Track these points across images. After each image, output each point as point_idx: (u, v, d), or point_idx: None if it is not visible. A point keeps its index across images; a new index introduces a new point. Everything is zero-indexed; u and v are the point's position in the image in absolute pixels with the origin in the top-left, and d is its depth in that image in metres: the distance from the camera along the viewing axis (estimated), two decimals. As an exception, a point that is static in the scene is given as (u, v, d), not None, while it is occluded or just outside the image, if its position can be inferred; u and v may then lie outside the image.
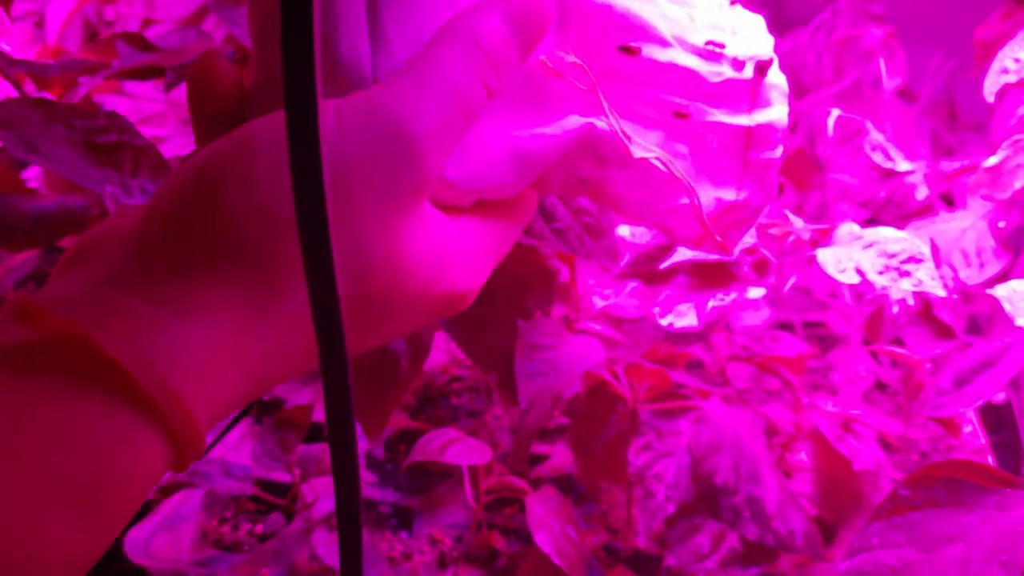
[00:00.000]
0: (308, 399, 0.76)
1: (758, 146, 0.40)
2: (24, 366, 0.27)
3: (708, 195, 0.39)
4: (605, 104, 0.37)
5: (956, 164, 0.87)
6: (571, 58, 0.37)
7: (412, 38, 0.34)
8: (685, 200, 0.39)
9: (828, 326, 0.85)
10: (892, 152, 0.87)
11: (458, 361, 0.81)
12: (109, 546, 0.28)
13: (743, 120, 0.39)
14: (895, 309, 0.79)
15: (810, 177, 0.92)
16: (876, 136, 0.88)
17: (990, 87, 0.84)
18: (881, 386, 0.78)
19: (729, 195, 0.40)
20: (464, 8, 0.34)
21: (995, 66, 0.84)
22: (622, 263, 0.83)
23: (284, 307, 0.30)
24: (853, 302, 0.83)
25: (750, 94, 0.40)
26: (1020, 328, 0.68)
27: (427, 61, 0.33)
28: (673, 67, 0.38)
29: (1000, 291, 0.69)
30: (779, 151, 0.40)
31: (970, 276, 0.77)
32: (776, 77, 0.40)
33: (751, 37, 0.40)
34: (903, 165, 0.86)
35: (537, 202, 0.40)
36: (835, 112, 0.90)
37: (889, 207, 0.89)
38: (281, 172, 0.30)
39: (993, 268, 0.77)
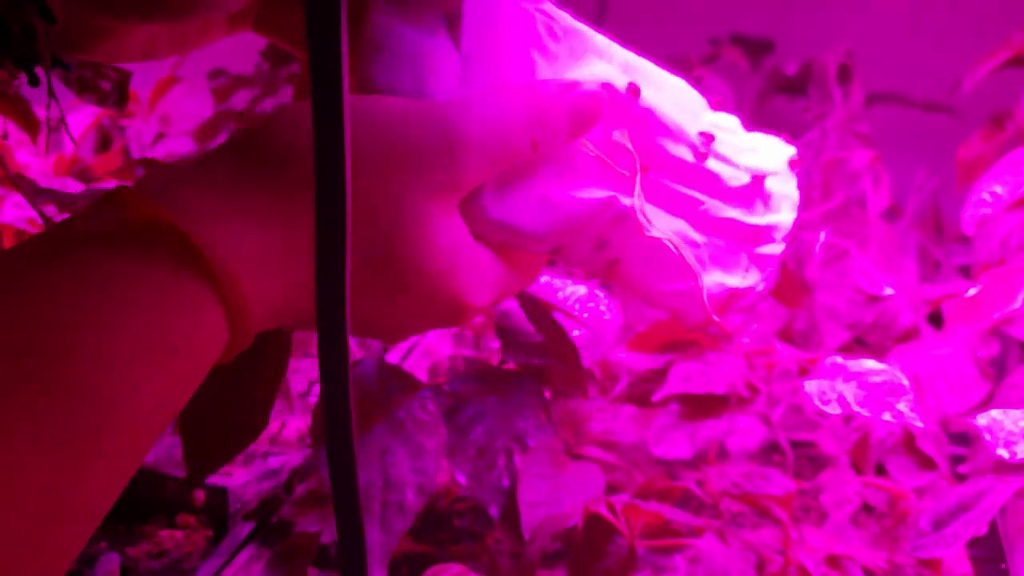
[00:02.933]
0: (315, 525, 0.79)
1: (764, 242, 0.46)
2: (119, 244, 0.32)
3: (715, 280, 0.45)
4: (638, 185, 0.43)
5: (941, 292, 0.91)
6: (623, 139, 0.43)
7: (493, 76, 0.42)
8: (690, 283, 0.44)
9: (818, 446, 0.88)
10: (877, 277, 0.91)
11: (459, 483, 0.84)
12: (182, 406, 0.34)
13: (754, 219, 0.46)
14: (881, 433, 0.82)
15: (798, 298, 0.95)
16: (861, 261, 0.92)
17: (969, 219, 0.88)
18: (868, 508, 0.81)
19: (734, 281, 0.46)
20: (538, 79, 0.42)
21: (972, 199, 0.88)
22: (617, 387, 0.86)
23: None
24: (841, 424, 0.86)
25: (762, 199, 0.46)
26: (1000, 457, 0.71)
27: (493, 99, 0.40)
28: (700, 168, 0.45)
29: (981, 420, 0.72)
30: (781, 248, 0.46)
31: (952, 404, 0.80)
32: (789, 189, 0.47)
33: (768, 154, 0.47)
34: (888, 291, 0.90)
35: (541, 270, 0.47)
36: (822, 237, 0.94)
37: (876, 329, 0.92)
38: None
39: (975, 396, 0.81)
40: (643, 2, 1.49)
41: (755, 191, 0.46)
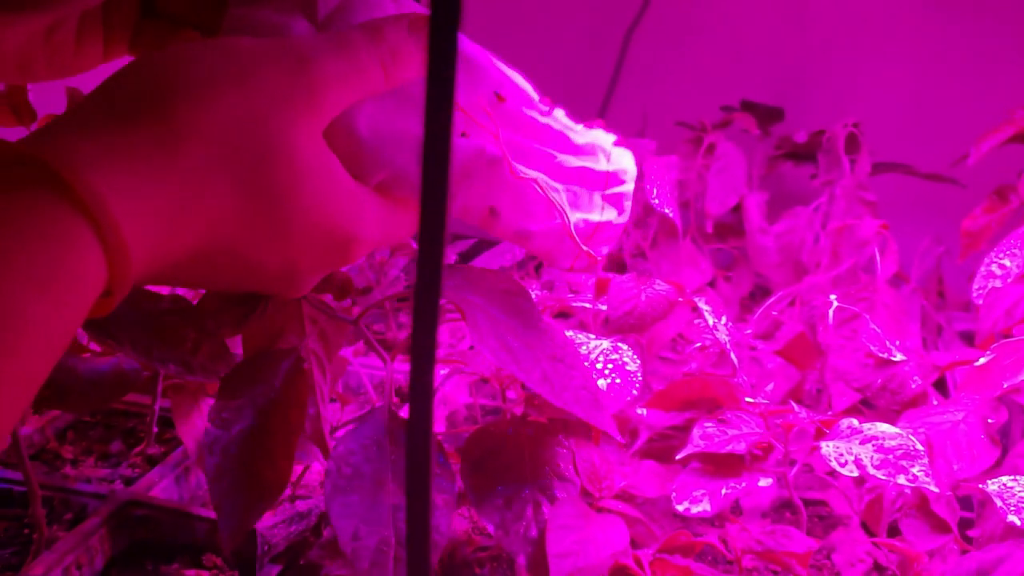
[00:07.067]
0: (344, 569, 0.80)
1: (614, 184, 0.55)
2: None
3: (577, 217, 0.53)
4: (500, 136, 0.49)
5: (948, 359, 0.93)
6: (482, 103, 0.50)
7: None
8: (558, 220, 0.52)
9: (829, 505, 0.90)
10: (887, 344, 0.94)
11: (480, 529, 0.86)
12: (69, 341, 0.36)
13: (602, 167, 0.55)
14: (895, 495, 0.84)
15: (811, 361, 0.98)
16: (872, 327, 0.95)
17: (978, 290, 0.91)
18: (880, 568, 0.83)
19: (595, 217, 0.54)
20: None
21: (982, 270, 0.92)
22: (638, 441, 0.89)
23: (186, 157, 0.38)
24: (853, 485, 0.89)
25: (604, 154, 0.55)
26: (1011, 523, 0.74)
27: (340, 34, 0.43)
28: (549, 128, 0.53)
29: (992, 486, 0.75)
30: (631, 187, 0.55)
31: (963, 469, 0.83)
32: (625, 154, 0.56)
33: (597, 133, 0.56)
34: (897, 356, 0.93)
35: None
36: (834, 302, 0.97)
37: (885, 393, 0.95)
38: (198, 65, 0.40)
39: (984, 461, 0.83)
40: (656, 70, 1.54)
41: (598, 148, 0.55)
